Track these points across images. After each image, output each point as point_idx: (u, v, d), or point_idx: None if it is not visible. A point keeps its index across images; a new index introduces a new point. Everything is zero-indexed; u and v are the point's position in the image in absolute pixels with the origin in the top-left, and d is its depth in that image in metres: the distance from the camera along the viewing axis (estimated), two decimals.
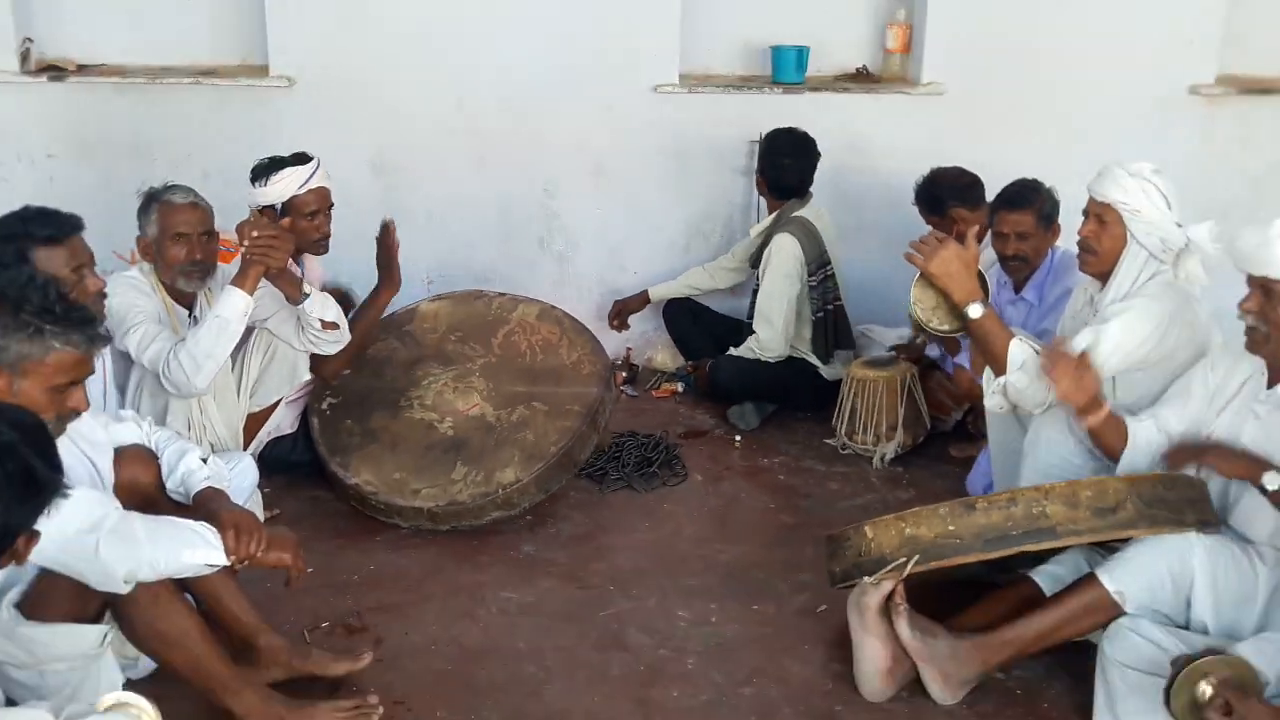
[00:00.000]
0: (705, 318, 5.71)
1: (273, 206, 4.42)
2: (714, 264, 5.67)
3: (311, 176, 4.43)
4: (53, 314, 2.81)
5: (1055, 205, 4.59)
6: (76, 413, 2.91)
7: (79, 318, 2.86)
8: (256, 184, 4.42)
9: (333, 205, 4.53)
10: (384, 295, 4.74)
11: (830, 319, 5.26)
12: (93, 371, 2.95)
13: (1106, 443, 3.51)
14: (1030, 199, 4.54)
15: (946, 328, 3.75)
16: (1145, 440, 3.47)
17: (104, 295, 3.62)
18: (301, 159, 4.46)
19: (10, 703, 2.50)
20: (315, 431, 4.52)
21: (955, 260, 3.59)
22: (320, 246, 4.53)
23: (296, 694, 3.21)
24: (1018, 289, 4.71)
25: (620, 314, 5.72)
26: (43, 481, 2.36)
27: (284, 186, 4.40)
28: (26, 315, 2.78)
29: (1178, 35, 5.71)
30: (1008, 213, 4.55)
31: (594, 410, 4.52)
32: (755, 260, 5.37)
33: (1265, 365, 3.26)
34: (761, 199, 5.45)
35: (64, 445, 2.58)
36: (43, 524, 2.42)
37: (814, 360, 5.29)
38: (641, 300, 5.72)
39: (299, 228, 4.38)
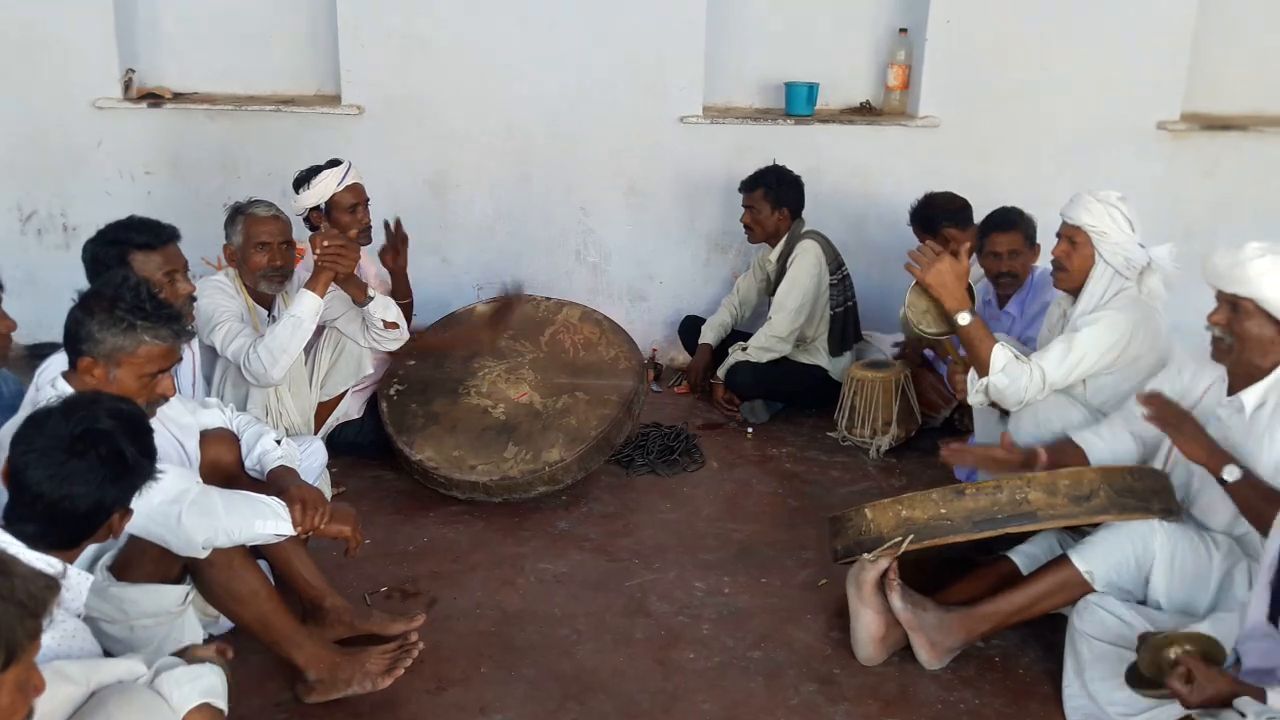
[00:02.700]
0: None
1: (318, 208, 4.43)
2: (730, 300, 5.55)
3: (345, 175, 4.45)
4: (143, 311, 2.81)
5: (1034, 228, 4.56)
6: (165, 398, 2.92)
7: (167, 314, 2.87)
8: (300, 190, 4.45)
9: (369, 199, 4.53)
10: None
11: (848, 315, 5.23)
12: (180, 361, 2.96)
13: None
14: (1016, 221, 4.53)
15: (934, 331, 3.76)
16: (1109, 453, 3.45)
17: (194, 298, 3.62)
18: (334, 162, 4.48)
19: (107, 654, 2.51)
20: (384, 414, 4.50)
21: (949, 272, 3.61)
22: (364, 237, 4.53)
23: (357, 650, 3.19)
24: (1001, 305, 4.66)
25: (701, 379, 5.46)
26: (133, 465, 2.37)
27: (324, 187, 4.42)
28: (120, 312, 2.79)
29: (1147, 77, 5.66)
30: (1000, 234, 4.52)
31: (629, 400, 4.50)
32: (771, 289, 5.29)
33: (1227, 373, 3.20)
34: (760, 243, 5.35)
35: (156, 428, 2.58)
36: (134, 499, 2.43)
37: (823, 360, 5.24)
38: (706, 352, 5.48)
39: (342, 222, 4.39)
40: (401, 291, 4.70)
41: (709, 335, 5.49)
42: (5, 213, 5.56)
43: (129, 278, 2.93)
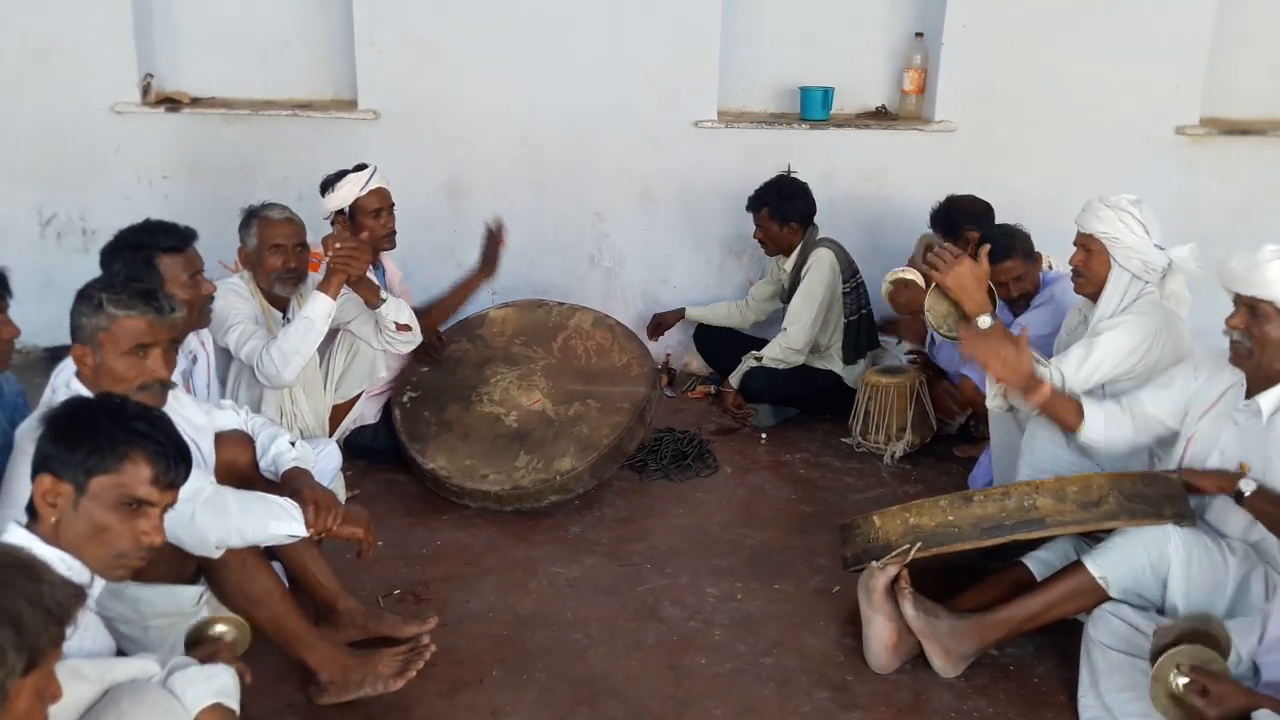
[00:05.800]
0: (733, 338, 5.61)
1: (342, 211, 4.46)
2: (740, 303, 5.59)
3: (370, 179, 4.47)
4: (111, 287, 2.83)
5: (1029, 239, 4.41)
6: (159, 381, 2.89)
7: (137, 289, 2.87)
8: (326, 193, 4.48)
9: (393, 204, 4.55)
10: (478, 279, 4.88)
11: (862, 322, 5.22)
12: (168, 337, 2.93)
13: (1059, 419, 3.52)
14: (1011, 246, 4.35)
15: (955, 335, 3.72)
16: (1103, 422, 3.46)
17: (211, 298, 3.66)
18: (360, 166, 4.50)
19: (120, 654, 2.52)
20: (397, 421, 4.53)
21: (969, 275, 3.59)
22: (388, 241, 4.56)
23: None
24: (1016, 313, 4.62)
25: (659, 327, 5.66)
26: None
27: (348, 191, 4.44)
28: (91, 292, 2.82)
29: (1165, 81, 5.64)
30: (997, 266, 4.38)
31: (641, 407, 4.51)
32: (786, 296, 5.28)
33: (1245, 377, 3.20)
34: (772, 257, 5.40)
35: None
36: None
37: (837, 366, 5.24)
38: (678, 316, 5.66)
39: (366, 226, 4.41)
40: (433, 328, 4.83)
41: (697, 311, 5.61)
42: (25, 217, 5.62)
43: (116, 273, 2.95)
